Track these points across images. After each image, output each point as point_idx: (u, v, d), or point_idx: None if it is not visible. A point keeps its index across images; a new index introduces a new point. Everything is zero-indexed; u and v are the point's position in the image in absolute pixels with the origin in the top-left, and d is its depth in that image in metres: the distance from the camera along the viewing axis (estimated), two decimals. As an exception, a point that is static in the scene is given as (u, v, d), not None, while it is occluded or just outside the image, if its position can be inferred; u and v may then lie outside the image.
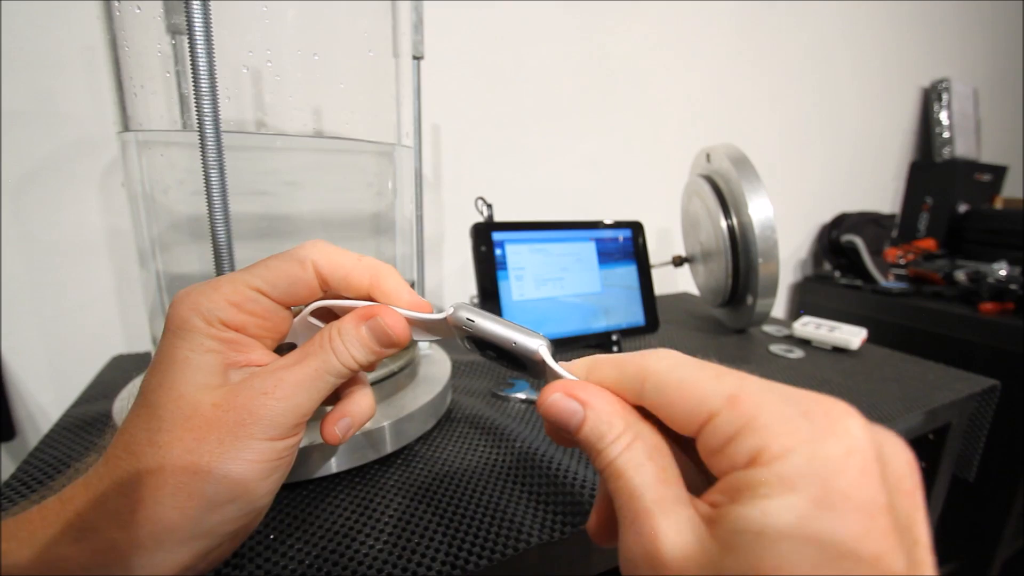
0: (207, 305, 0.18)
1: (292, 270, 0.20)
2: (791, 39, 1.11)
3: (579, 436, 0.17)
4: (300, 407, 0.19)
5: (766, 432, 0.13)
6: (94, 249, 0.56)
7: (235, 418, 0.17)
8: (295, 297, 0.20)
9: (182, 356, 0.18)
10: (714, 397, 0.14)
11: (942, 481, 0.58)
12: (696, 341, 0.66)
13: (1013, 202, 1.43)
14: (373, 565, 0.26)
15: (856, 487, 0.12)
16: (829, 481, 0.12)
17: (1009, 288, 0.92)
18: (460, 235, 0.76)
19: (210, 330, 0.18)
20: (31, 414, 0.56)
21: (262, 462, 0.18)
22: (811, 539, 0.12)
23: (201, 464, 0.17)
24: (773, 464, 0.13)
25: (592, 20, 0.83)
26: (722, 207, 0.65)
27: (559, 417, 0.17)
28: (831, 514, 0.12)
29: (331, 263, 0.20)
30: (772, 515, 0.12)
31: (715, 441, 0.14)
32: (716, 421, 0.14)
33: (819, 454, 0.13)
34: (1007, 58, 1.65)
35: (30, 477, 0.33)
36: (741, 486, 0.13)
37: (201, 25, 0.23)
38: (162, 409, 0.17)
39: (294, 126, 0.36)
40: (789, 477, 0.12)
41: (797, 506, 0.12)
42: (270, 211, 0.36)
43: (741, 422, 0.14)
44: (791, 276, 1.31)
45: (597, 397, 0.17)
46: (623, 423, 0.16)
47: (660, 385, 0.16)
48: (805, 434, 0.13)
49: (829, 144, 1.26)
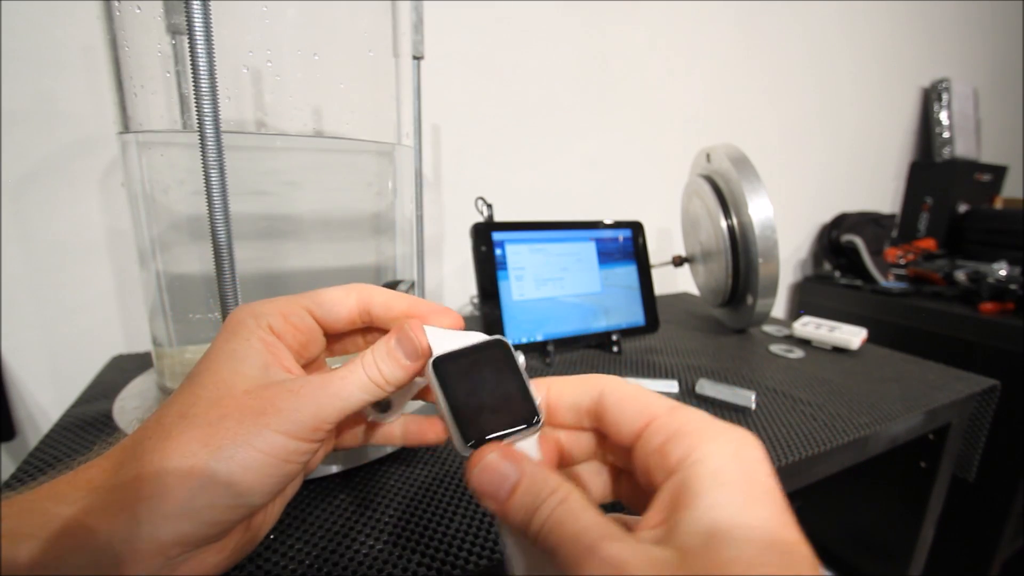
0: (261, 310, 0.21)
1: (337, 295, 0.22)
2: (791, 39, 1.11)
3: (511, 501, 0.16)
4: (321, 410, 0.19)
5: (697, 435, 0.16)
6: (94, 249, 0.56)
7: (258, 406, 0.18)
8: (336, 318, 0.22)
9: (230, 348, 0.20)
10: (657, 406, 0.18)
11: (942, 481, 0.58)
12: (696, 341, 0.66)
13: (1013, 202, 1.43)
14: (373, 565, 0.26)
15: (771, 485, 0.15)
16: (752, 477, 0.15)
17: (1009, 288, 0.92)
18: (460, 235, 0.76)
19: (258, 331, 0.20)
20: (31, 414, 0.56)
21: (269, 455, 0.18)
22: (754, 527, 0.13)
23: (213, 440, 0.18)
24: (706, 461, 0.15)
25: (592, 20, 0.83)
26: (722, 207, 0.65)
27: (492, 478, 0.17)
28: (760, 506, 0.14)
29: (371, 291, 0.23)
30: (715, 509, 0.14)
31: (654, 441, 0.17)
32: (656, 424, 0.17)
33: (741, 454, 0.15)
34: (1007, 58, 1.65)
35: (30, 477, 0.33)
36: (679, 491, 0.15)
37: (201, 25, 0.23)
38: (200, 387, 0.19)
39: (294, 126, 0.36)
40: (720, 472, 0.15)
41: (734, 500, 0.14)
42: (270, 211, 0.36)
43: (677, 425, 0.16)
44: (791, 276, 1.31)
45: (529, 460, 0.17)
46: (555, 480, 0.16)
47: (615, 392, 0.19)
48: (728, 438, 0.16)
49: (829, 144, 1.26)
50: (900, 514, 0.62)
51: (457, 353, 0.20)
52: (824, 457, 0.41)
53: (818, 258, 1.32)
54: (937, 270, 1.09)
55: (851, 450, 0.43)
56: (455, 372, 0.20)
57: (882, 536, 0.66)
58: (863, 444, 0.44)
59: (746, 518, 0.14)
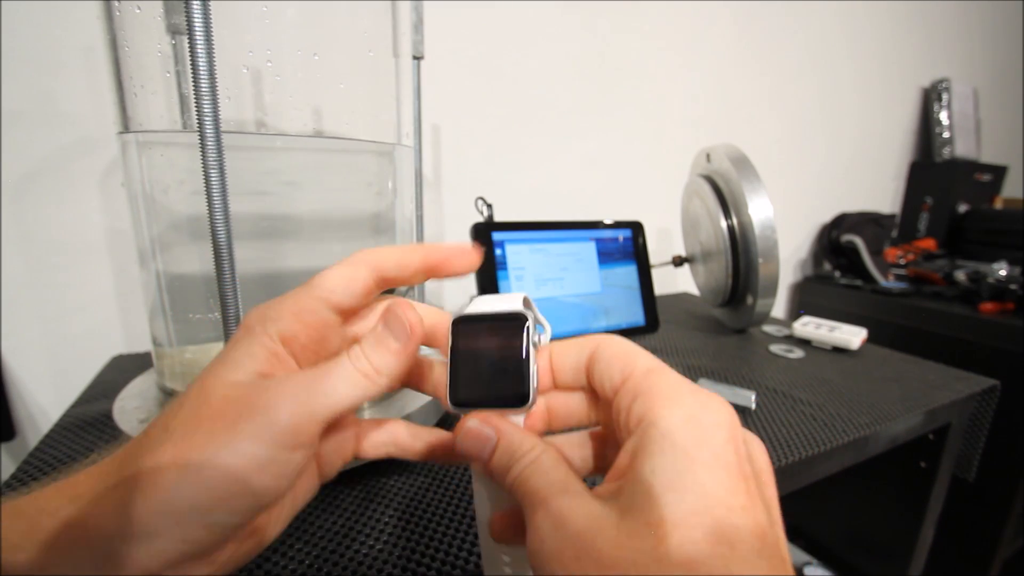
0: (270, 315, 0.19)
1: (345, 273, 0.20)
2: (791, 39, 1.11)
3: (492, 461, 0.18)
4: (302, 409, 0.17)
5: (659, 397, 0.16)
6: (94, 249, 0.56)
7: (232, 412, 0.17)
8: (352, 297, 0.20)
9: (227, 356, 0.18)
10: (638, 366, 0.18)
11: (942, 481, 0.58)
12: (696, 341, 0.66)
13: (1013, 202, 1.43)
14: (373, 565, 0.26)
15: (722, 450, 0.15)
16: (703, 441, 0.15)
17: (1009, 288, 0.92)
18: (460, 235, 0.76)
19: (263, 339, 0.19)
20: (31, 414, 0.56)
21: (244, 469, 0.16)
22: (690, 489, 0.14)
23: (182, 454, 0.16)
24: (659, 423, 0.15)
25: (592, 20, 0.83)
26: (722, 207, 0.65)
27: (475, 442, 0.18)
28: (704, 468, 0.14)
29: (380, 256, 0.21)
30: (657, 471, 0.14)
31: (625, 400, 0.17)
32: (630, 383, 0.17)
33: (697, 418, 0.15)
34: (1007, 58, 1.65)
35: (30, 477, 0.33)
36: (633, 451, 0.16)
37: (201, 25, 0.23)
38: (184, 397, 0.18)
39: (294, 126, 0.36)
40: (669, 435, 0.15)
41: (675, 463, 0.14)
42: (270, 211, 0.36)
43: (646, 386, 0.17)
44: (791, 276, 1.31)
45: (508, 423, 0.19)
46: (531, 442, 0.18)
47: (607, 348, 0.19)
48: (688, 402, 0.16)
49: (829, 144, 1.26)
50: (900, 514, 0.62)
51: (477, 316, 0.20)
52: (824, 457, 0.41)
53: (818, 258, 1.32)
54: (937, 270, 1.09)
55: (851, 450, 0.43)
56: (468, 334, 0.20)
57: (882, 536, 0.66)
58: (863, 444, 0.44)
59: (684, 480, 0.14)
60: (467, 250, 0.22)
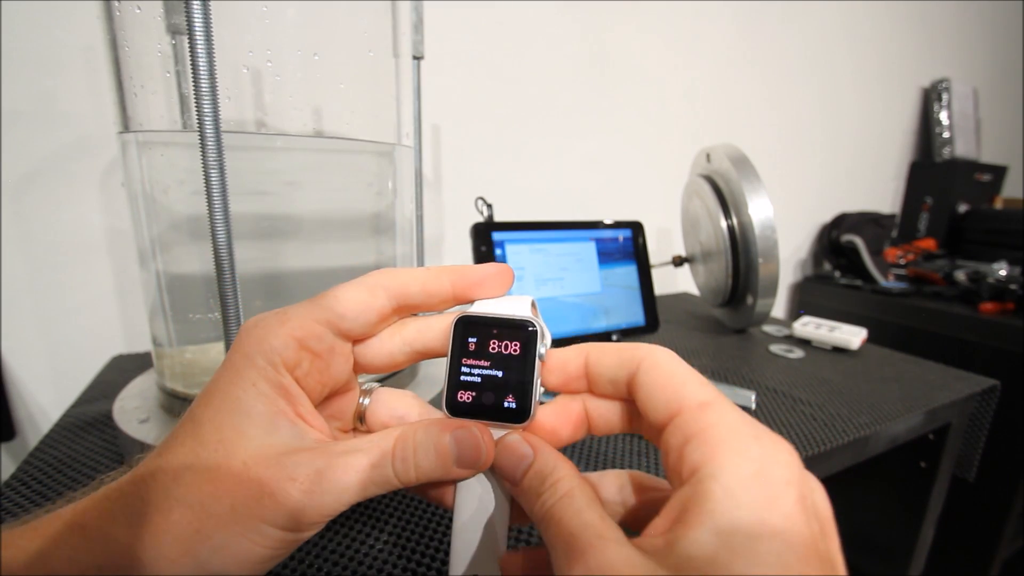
0: (273, 343, 0.17)
1: (359, 298, 0.18)
2: (791, 39, 1.11)
3: (523, 482, 0.17)
4: (325, 508, 0.16)
5: (719, 443, 0.14)
6: (94, 249, 0.56)
7: (254, 490, 0.16)
8: (364, 326, 0.19)
9: (235, 395, 0.17)
10: (691, 397, 0.15)
11: (942, 481, 0.58)
12: (696, 341, 0.66)
13: (1013, 202, 1.43)
14: (373, 565, 0.26)
15: (793, 510, 0.13)
16: (772, 503, 0.13)
17: (1009, 288, 0.92)
18: (460, 235, 0.76)
19: (268, 372, 0.17)
20: (31, 414, 0.56)
21: (261, 546, 0.16)
22: (763, 561, 0.12)
23: (205, 525, 0.16)
24: (720, 476, 0.13)
25: (592, 20, 0.83)
26: (722, 207, 0.65)
27: (512, 458, 0.18)
28: (777, 538, 0.12)
29: (402, 280, 0.19)
30: (720, 536, 0.12)
31: (676, 439, 0.15)
32: (681, 419, 0.15)
33: (765, 474, 0.13)
34: (1007, 58, 1.65)
35: (30, 477, 0.33)
36: (687, 504, 0.14)
37: (201, 25, 0.23)
38: (200, 444, 0.16)
39: (294, 126, 0.36)
40: (733, 493, 0.13)
41: (741, 528, 0.12)
42: (270, 211, 0.36)
43: (701, 426, 0.15)
44: (791, 276, 1.31)
45: (544, 444, 0.18)
46: (565, 469, 0.17)
47: (650, 371, 0.17)
48: (753, 454, 0.14)
49: (829, 144, 1.26)
50: (900, 514, 0.62)
51: (482, 320, 0.19)
52: (824, 457, 0.41)
53: (818, 258, 1.32)
54: (937, 270, 1.09)
55: (851, 450, 0.43)
56: (471, 337, 0.19)
57: (882, 536, 0.66)
58: (863, 444, 0.44)
59: (757, 549, 0.12)
60: (502, 272, 0.20)
